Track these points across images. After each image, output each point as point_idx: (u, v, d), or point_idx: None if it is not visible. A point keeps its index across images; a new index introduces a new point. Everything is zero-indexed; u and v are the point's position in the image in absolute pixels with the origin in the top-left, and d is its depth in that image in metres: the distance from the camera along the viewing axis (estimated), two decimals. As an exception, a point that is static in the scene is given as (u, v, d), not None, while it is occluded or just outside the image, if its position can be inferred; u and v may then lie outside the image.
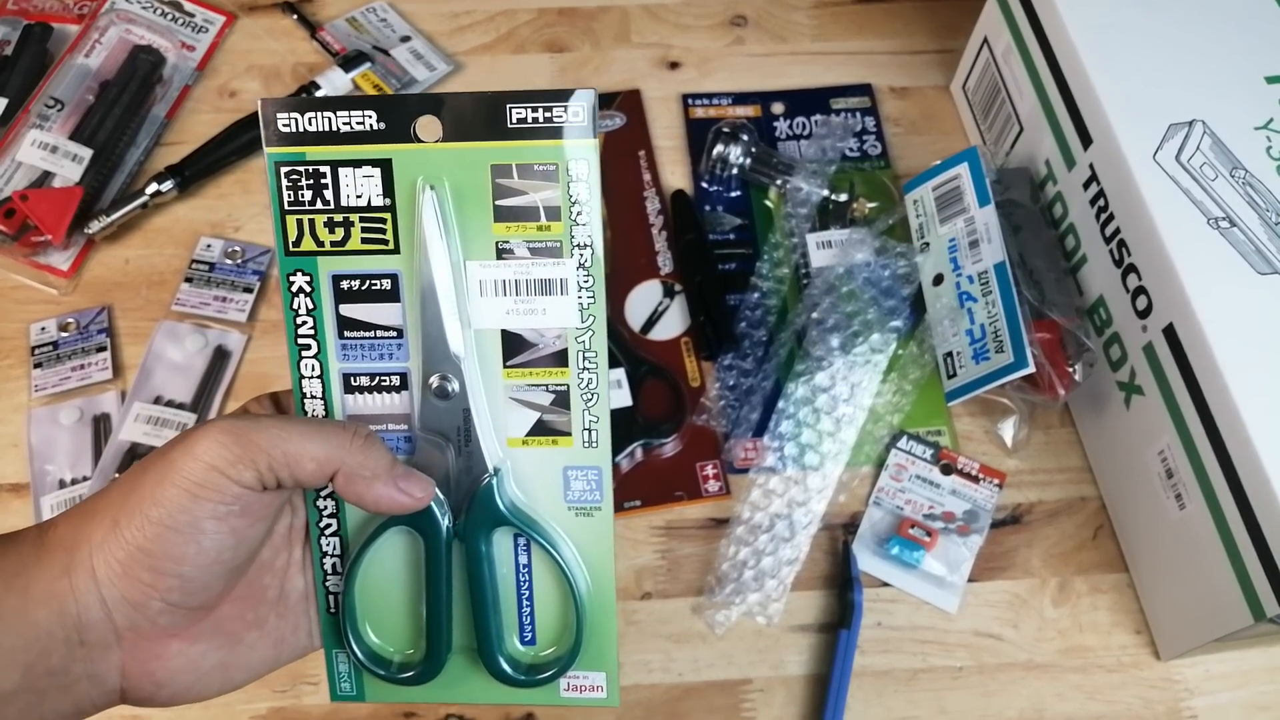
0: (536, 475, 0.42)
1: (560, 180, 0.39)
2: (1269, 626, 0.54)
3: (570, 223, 0.39)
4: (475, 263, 0.40)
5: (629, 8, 0.87)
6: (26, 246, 0.71)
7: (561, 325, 0.40)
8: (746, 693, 0.61)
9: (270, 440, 0.37)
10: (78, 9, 0.82)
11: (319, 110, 0.39)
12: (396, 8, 0.86)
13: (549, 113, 0.38)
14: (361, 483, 0.39)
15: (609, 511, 0.42)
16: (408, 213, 0.39)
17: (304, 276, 0.40)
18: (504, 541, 0.43)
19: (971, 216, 0.69)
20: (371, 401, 0.41)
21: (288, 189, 0.39)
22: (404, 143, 0.39)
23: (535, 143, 0.39)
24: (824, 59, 0.85)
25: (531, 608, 0.43)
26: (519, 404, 0.41)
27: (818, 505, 0.66)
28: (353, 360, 0.41)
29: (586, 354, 0.41)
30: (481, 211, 0.39)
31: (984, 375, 0.64)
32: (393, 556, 0.43)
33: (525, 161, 0.39)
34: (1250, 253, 0.58)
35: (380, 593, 0.43)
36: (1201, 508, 0.57)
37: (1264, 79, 0.64)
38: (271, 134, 0.39)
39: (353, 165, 0.39)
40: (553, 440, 0.41)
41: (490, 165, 0.39)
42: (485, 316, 0.40)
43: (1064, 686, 0.62)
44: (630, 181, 0.78)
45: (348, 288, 0.40)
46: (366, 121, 0.39)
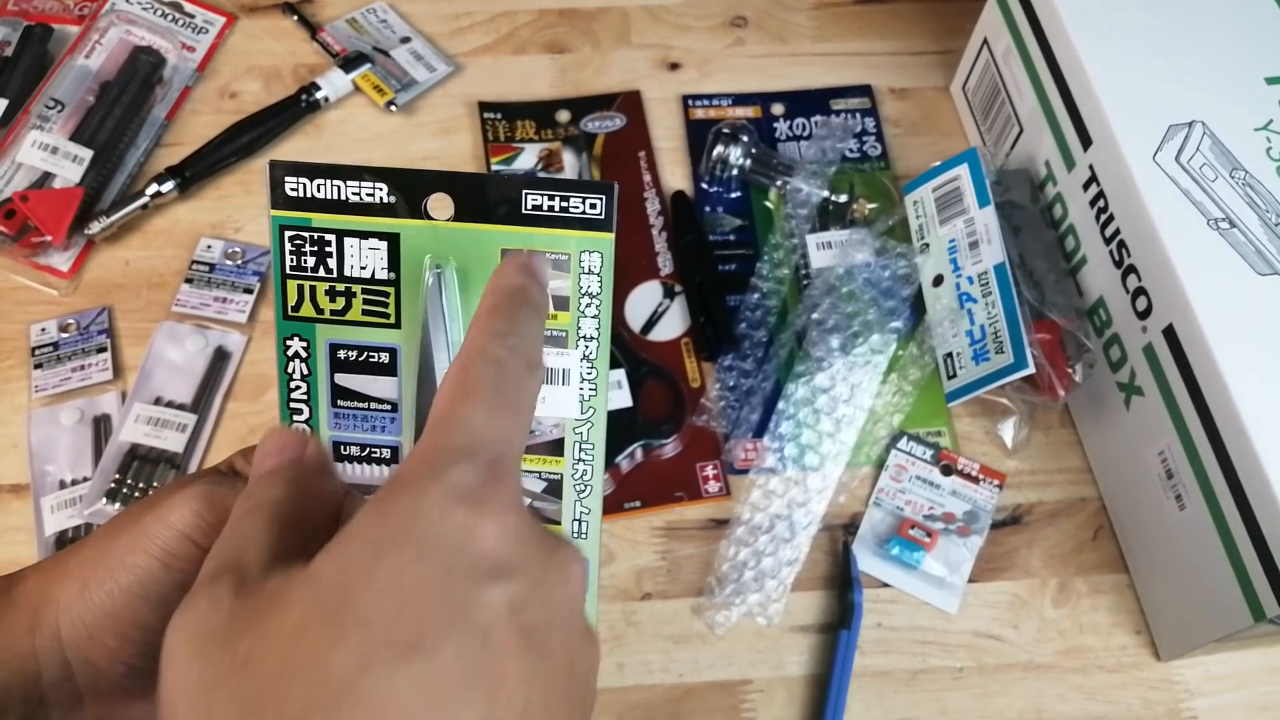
0: None
1: (572, 271, 0.38)
2: (1269, 627, 0.54)
3: (578, 314, 0.39)
4: None
5: (629, 9, 0.87)
6: (27, 247, 0.71)
7: (561, 415, 0.39)
8: (746, 693, 0.61)
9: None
10: (78, 10, 0.82)
11: (329, 178, 0.38)
12: (397, 9, 0.86)
13: (566, 202, 0.38)
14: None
15: (593, 607, 0.40)
16: (412, 288, 0.38)
17: (301, 342, 0.39)
18: None
19: (971, 217, 0.69)
20: (360, 472, 0.40)
21: (291, 254, 0.38)
22: (414, 218, 0.38)
23: (549, 230, 0.38)
24: (824, 60, 0.85)
25: None
26: None
27: (818, 506, 0.66)
28: (344, 430, 0.40)
29: (584, 445, 0.40)
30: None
31: (984, 376, 0.65)
32: None
33: (537, 249, 0.38)
34: (1250, 253, 0.58)
35: None
36: (1201, 508, 0.57)
37: (1264, 79, 0.64)
38: (278, 197, 0.38)
39: (359, 236, 0.38)
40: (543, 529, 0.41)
41: (501, 249, 0.38)
42: None
43: (1064, 687, 0.62)
44: (630, 182, 0.78)
45: (345, 357, 0.39)
46: (377, 194, 0.38)
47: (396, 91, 0.80)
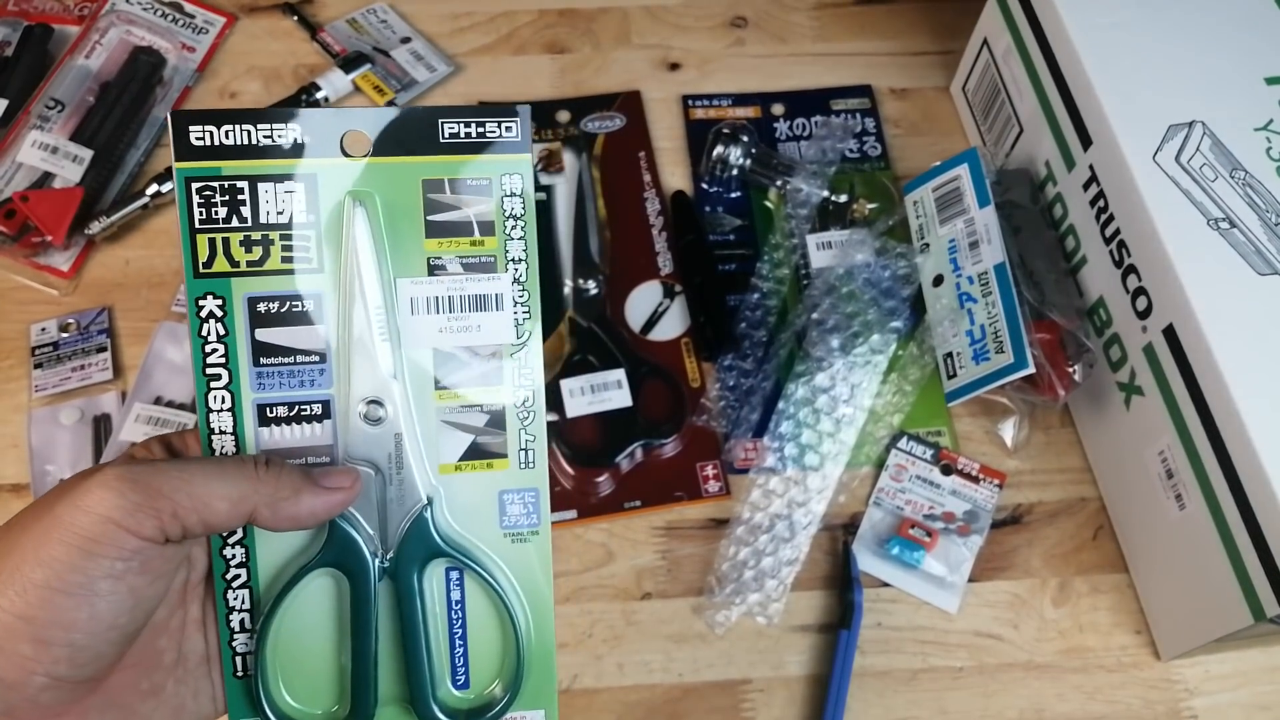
0: (470, 502, 0.40)
1: (494, 195, 0.39)
2: (1269, 626, 0.54)
3: (505, 237, 0.39)
4: (406, 280, 0.38)
5: (629, 9, 0.87)
6: (27, 247, 0.71)
7: (497, 341, 0.39)
8: (746, 693, 0.61)
9: (172, 485, 0.33)
10: (78, 10, 0.82)
11: (237, 123, 0.37)
12: (397, 9, 0.86)
13: (482, 128, 0.38)
14: (287, 504, 0.36)
15: (547, 536, 0.40)
16: (333, 230, 0.38)
17: (215, 300, 0.38)
18: (435, 577, 0.40)
19: (971, 217, 0.69)
20: (290, 433, 0.39)
21: (199, 206, 0.37)
22: (329, 157, 0.38)
23: (468, 157, 0.38)
24: (824, 60, 0.85)
25: (465, 648, 0.41)
26: (452, 427, 0.39)
27: (818, 506, 0.66)
28: (269, 389, 0.38)
29: (524, 370, 0.40)
30: (413, 227, 0.38)
31: (984, 376, 0.65)
32: (309, 604, 0.39)
33: (458, 176, 0.38)
34: (1250, 253, 0.58)
35: (297, 648, 0.40)
36: (1201, 508, 0.57)
37: (1264, 80, 0.64)
38: (182, 147, 0.37)
39: (274, 180, 0.37)
40: (487, 464, 0.40)
41: (421, 180, 0.38)
42: (417, 335, 0.39)
43: (1064, 687, 0.62)
44: (630, 182, 0.78)
45: (265, 310, 0.38)
46: (290, 135, 0.37)
47: (397, 92, 0.80)
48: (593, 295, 0.72)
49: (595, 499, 0.66)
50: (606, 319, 0.71)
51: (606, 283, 0.73)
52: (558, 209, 0.76)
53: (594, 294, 0.72)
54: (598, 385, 0.68)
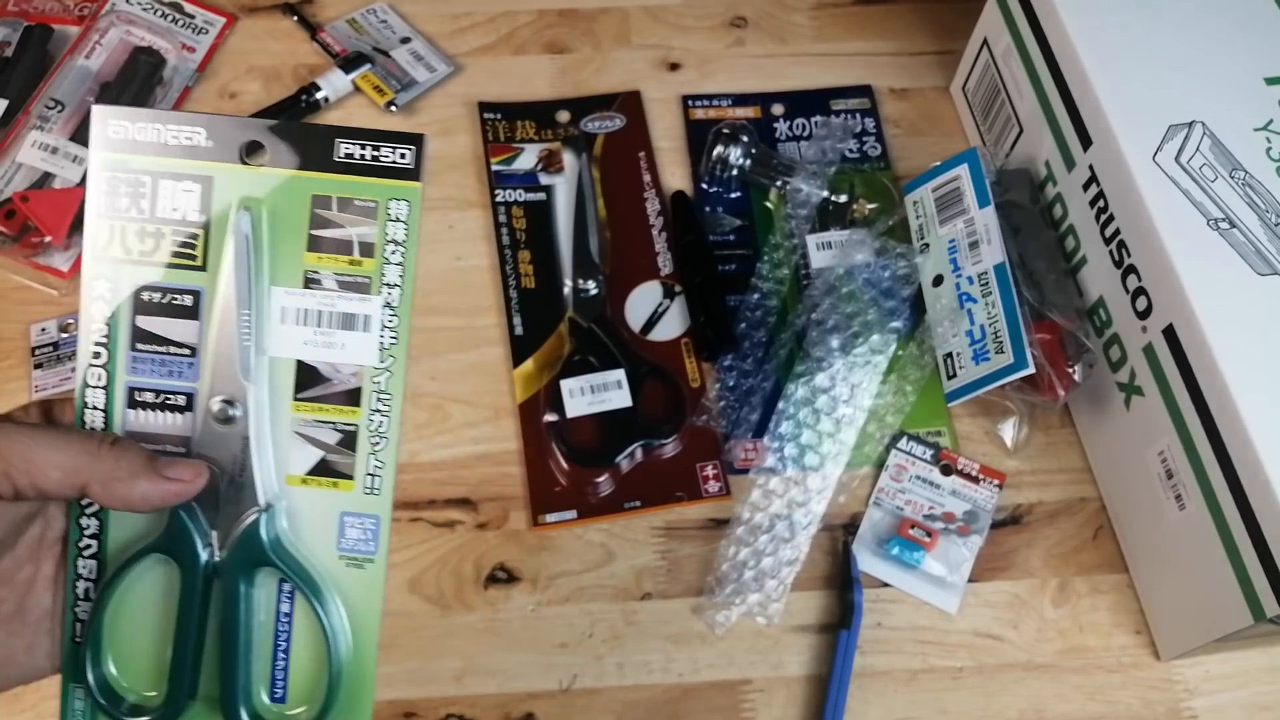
0: (311, 518, 0.40)
1: (379, 218, 0.39)
2: (1269, 626, 0.54)
3: (383, 260, 0.39)
4: (281, 289, 0.39)
5: (629, 9, 0.87)
6: (27, 247, 0.71)
7: (360, 362, 0.40)
8: (746, 693, 0.61)
9: (10, 446, 0.34)
10: (78, 10, 0.82)
11: (151, 121, 0.39)
12: (397, 9, 0.86)
13: (376, 151, 0.39)
14: (121, 485, 0.36)
15: (382, 566, 0.41)
16: (221, 232, 0.39)
17: (106, 284, 0.39)
18: (268, 585, 0.41)
19: (971, 217, 0.69)
20: (153, 419, 0.40)
21: (105, 193, 0.39)
22: (229, 162, 0.39)
23: (359, 179, 0.39)
24: (824, 60, 0.85)
25: (287, 661, 0.41)
26: (304, 440, 0.40)
27: (818, 506, 0.66)
28: (141, 374, 0.40)
29: (382, 395, 0.40)
30: (295, 239, 0.39)
31: (984, 376, 0.65)
32: (149, 586, 0.41)
33: (346, 195, 0.39)
34: (1250, 253, 0.58)
35: (130, 623, 0.40)
36: (1201, 508, 0.57)
37: (1264, 80, 0.64)
38: (99, 137, 0.39)
39: (174, 179, 0.39)
40: (333, 483, 0.40)
41: (311, 195, 0.39)
42: (282, 344, 0.40)
43: (1064, 687, 0.62)
44: (630, 182, 0.78)
45: (149, 299, 0.39)
46: (195, 138, 0.39)
47: (396, 92, 0.80)
48: (593, 295, 0.72)
49: (595, 499, 0.66)
50: (606, 319, 0.71)
51: (606, 283, 0.73)
52: (558, 209, 0.76)
53: (594, 294, 0.72)
54: (597, 385, 0.68)
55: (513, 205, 0.76)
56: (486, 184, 0.77)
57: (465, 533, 0.65)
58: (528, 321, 0.72)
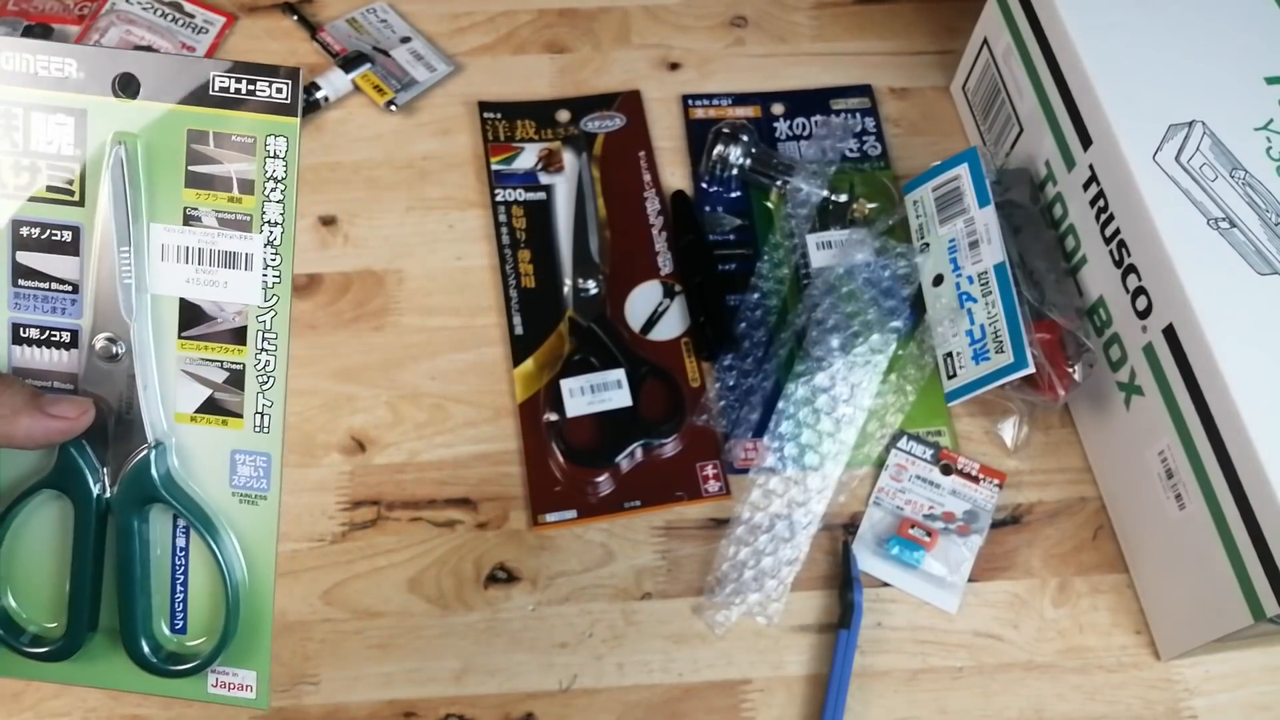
0: (202, 455, 0.41)
1: (258, 154, 0.39)
2: (1269, 626, 0.54)
3: (263, 198, 0.39)
4: (160, 225, 0.39)
5: (629, 9, 0.87)
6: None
7: (243, 301, 0.40)
8: (746, 693, 0.62)
9: None
10: (78, 10, 0.82)
11: (19, 51, 0.38)
12: (397, 9, 0.86)
13: (252, 85, 0.38)
14: (3, 422, 0.37)
15: (275, 502, 0.41)
16: (98, 167, 0.39)
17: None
18: (163, 521, 0.42)
19: (971, 217, 0.69)
20: (39, 356, 0.40)
21: None
22: (103, 95, 0.38)
23: (235, 113, 0.38)
24: (824, 60, 0.85)
25: (185, 594, 0.42)
26: (191, 378, 0.40)
27: (818, 505, 0.66)
28: (25, 310, 0.40)
29: (267, 334, 0.40)
30: (173, 175, 0.39)
31: (984, 376, 0.65)
32: (44, 521, 0.41)
33: (223, 130, 0.39)
34: (1250, 253, 0.58)
35: (28, 557, 0.41)
36: (1201, 508, 0.57)
37: (1264, 79, 0.64)
38: None
39: (46, 111, 0.38)
40: (223, 420, 0.41)
41: (187, 129, 0.39)
42: (164, 282, 0.40)
43: (1064, 687, 0.62)
44: (630, 182, 0.78)
45: (27, 235, 0.39)
46: (66, 69, 0.38)
47: (396, 91, 0.80)
48: (593, 295, 0.72)
49: (595, 499, 0.66)
50: (606, 319, 0.71)
51: (606, 282, 0.73)
52: (558, 209, 0.76)
53: (594, 294, 0.72)
54: (597, 385, 0.68)
55: (513, 205, 0.76)
56: (486, 183, 0.77)
57: (465, 532, 0.65)
58: (528, 321, 0.72)
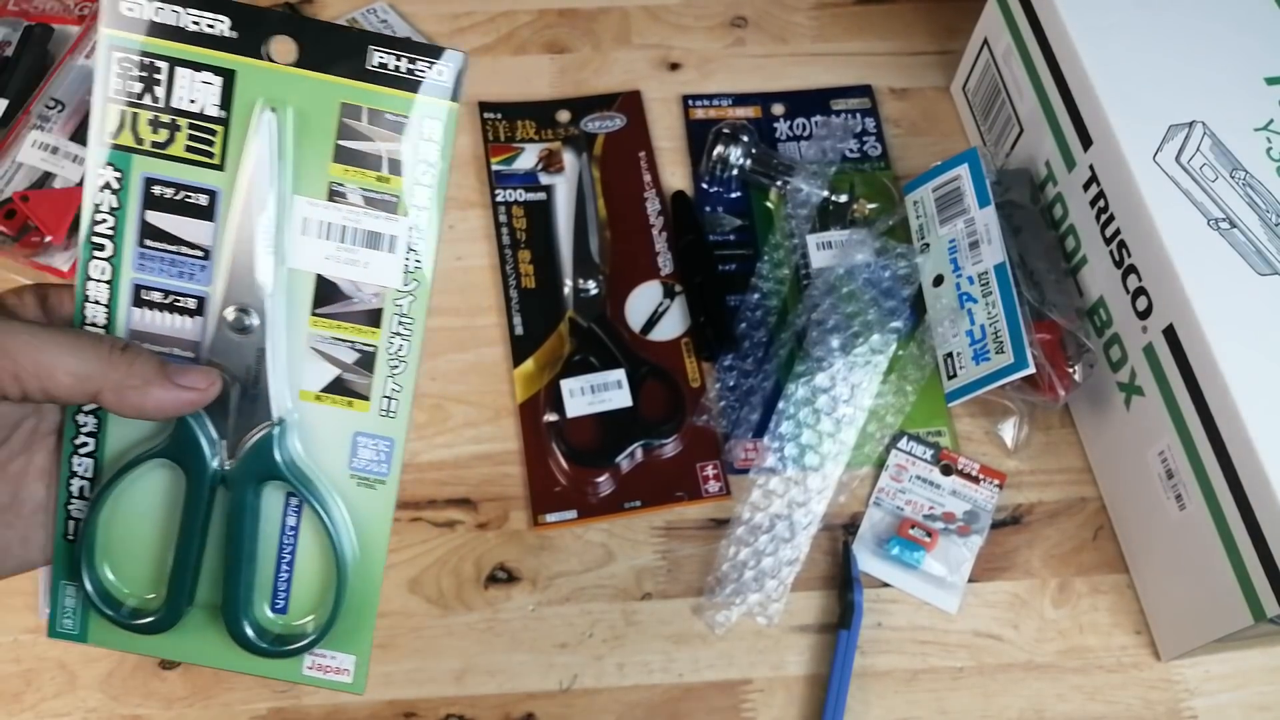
0: (325, 435, 0.40)
1: (410, 136, 0.38)
2: (1269, 626, 0.54)
3: (413, 181, 0.38)
4: (304, 199, 0.38)
5: (629, 9, 0.87)
6: (27, 247, 0.71)
7: (382, 283, 0.38)
8: (746, 693, 0.62)
9: (21, 347, 0.33)
10: (78, 10, 0.82)
11: (168, 3, 0.36)
12: (397, 9, 0.86)
13: (412, 65, 0.37)
14: (134, 393, 0.35)
15: (394, 488, 0.40)
16: (241, 130, 0.37)
17: (114, 172, 0.38)
18: (275, 498, 0.40)
19: (972, 217, 0.69)
20: (160, 320, 0.38)
21: (116, 75, 0.37)
22: (253, 58, 0.37)
23: (392, 91, 0.37)
24: (824, 60, 0.85)
25: (290, 574, 0.41)
26: (320, 356, 0.39)
27: (818, 506, 0.66)
28: (149, 272, 0.38)
29: (403, 319, 0.39)
30: (321, 148, 0.37)
31: (984, 376, 0.65)
32: (149, 490, 0.40)
33: (377, 108, 0.37)
34: (1250, 253, 0.58)
35: (128, 527, 0.40)
36: (1201, 508, 0.57)
37: (1264, 80, 0.64)
38: (110, 14, 0.37)
39: (193, 68, 0.37)
40: (349, 402, 0.39)
41: (340, 103, 0.37)
42: (303, 256, 0.38)
43: (1064, 687, 0.62)
44: (630, 182, 0.78)
45: (160, 194, 0.38)
46: (218, 26, 0.36)
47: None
48: (593, 295, 0.72)
49: (595, 499, 0.66)
50: (606, 319, 0.71)
51: (606, 283, 0.73)
52: (558, 209, 0.76)
53: (594, 294, 0.72)
54: (598, 385, 0.68)
55: (513, 205, 0.76)
56: (486, 184, 0.77)
57: (465, 533, 0.65)
58: (528, 321, 0.72)
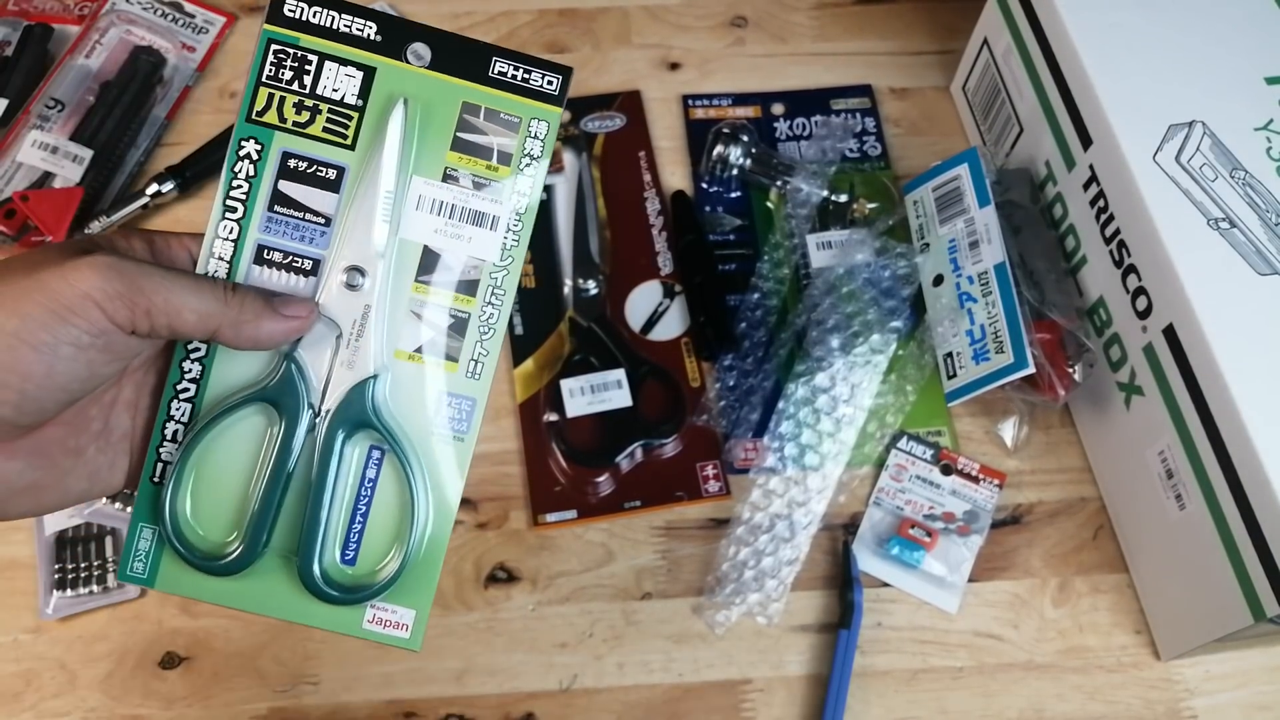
0: (413, 391, 0.43)
1: (520, 133, 0.43)
2: (1269, 626, 0.54)
3: (517, 171, 0.43)
4: (421, 179, 0.42)
5: (629, 8, 0.87)
6: (27, 247, 0.71)
7: (482, 257, 0.43)
8: (746, 693, 0.62)
9: (154, 286, 0.37)
10: (78, 10, 0.82)
11: (326, 6, 0.42)
12: (397, 9, 0.86)
13: (528, 74, 0.43)
14: (249, 327, 0.39)
15: (471, 444, 0.43)
16: (374, 119, 0.42)
17: (255, 145, 0.42)
18: (357, 449, 0.43)
19: (971, 217, 0.69)
20: (277, 278, 0.42)
21: (271, 64, 0.42)
22: (393, 59, 0.42)
23: (508, 95, 0.43)
24: (824, 60, 0.85)
25: (364, 526, 0.43)
26: (418, 318, 0.43)
27: (818, 505, 0.66)
28: (274, 234, 0.42)
29: (496, 290, 0.43)
30: (442, 137, 0.42)
31: (984, 376, 0.65)
32: (240, 436, 0.42)
33: (494, 108, 0.43)
34: (1250, 253, 0.58)
35: (216, 470, 0.42)
36: (1201, 508, 0.57)
37: (1264, 80, 0.64)
38: (275, 13, 0.42)
39: (339, 62, 0.42)
40: (439, 363, 0.43)
41: (463, 101, 0.43)
42: (414, 228, 0.43)
43: (1064, 687, 0.62)
44: (630, 182, 0.78)
45: (294, 166, 0.42)
46: (366, 31, 0.42)
47: (397, 91, 0.80)
48: (593, 295, 0.72)
49: (595, 499, 0.66)
50: (606, 319, 0.71)
51: (606, 283, 0.73)
52: (558, 208, 0.76)
53: (594, 294, 0.72)
54: (598, 385, 0.68)
55: (513, 205, 0.76)
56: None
57: (465, 532, 0.65)
58: (528, 321, 0.72)
